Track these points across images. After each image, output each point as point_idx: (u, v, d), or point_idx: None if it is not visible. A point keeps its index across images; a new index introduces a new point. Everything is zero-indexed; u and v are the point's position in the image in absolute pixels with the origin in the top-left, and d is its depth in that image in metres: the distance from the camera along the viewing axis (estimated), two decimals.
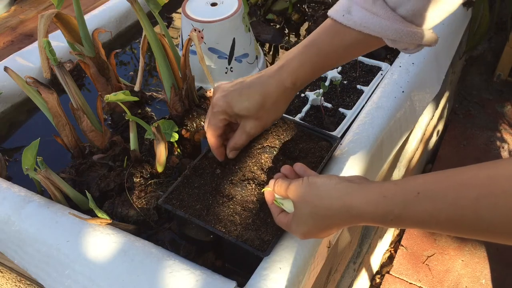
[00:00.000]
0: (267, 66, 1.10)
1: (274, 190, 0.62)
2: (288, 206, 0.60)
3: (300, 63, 0.65)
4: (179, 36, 1.06)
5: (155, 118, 0.94)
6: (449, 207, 0.43)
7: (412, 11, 0.58)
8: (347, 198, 0.52)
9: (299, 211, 0.57)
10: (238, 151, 0.72)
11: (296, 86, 0.66)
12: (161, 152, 0.74)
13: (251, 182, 0.69)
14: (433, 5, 0.58)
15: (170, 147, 0.83)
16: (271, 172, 0.71)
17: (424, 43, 0.61)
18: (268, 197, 0.63)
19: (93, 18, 1.15)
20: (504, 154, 1.85)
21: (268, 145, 0.75)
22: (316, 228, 0.56)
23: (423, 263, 1.51)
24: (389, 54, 1.05)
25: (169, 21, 1.30)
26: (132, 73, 1.10)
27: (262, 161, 0.72)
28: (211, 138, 0.70)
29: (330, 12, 0.63)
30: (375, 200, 0.49)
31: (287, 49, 1.17)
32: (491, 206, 0.41)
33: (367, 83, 0.95)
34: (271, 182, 0.63)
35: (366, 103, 0.89)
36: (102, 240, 0.65)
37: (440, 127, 1.82)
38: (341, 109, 0.90)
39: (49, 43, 0.71)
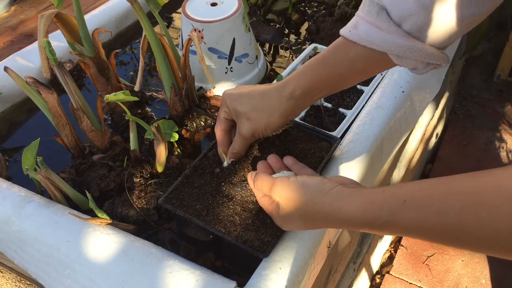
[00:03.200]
0: (267, 66, 1.10)
1: (254, 187, 0.61)
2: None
3: (300, 74, 0.65)
4: (179, 36, 1.06)
5: (155, 118, 0.94)
6: (434, 216, 0.43)
7: (417, 26, 0.56)
8: (337, 203, 0.52)
9: (288, 212, 0.56)
10: (236, 158, 0.71)
11: (293, 96, 0.64)
12: (161, 152, 0.74)
13: None
14: (440, 22, 0.55)
15: (170, 147, 0.83)
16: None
17: (432, 61, 0.58)
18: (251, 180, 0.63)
19: (93, 18, 1.15)
20: (504, 154, 1.85)
21: (268, 145, 0.75)
22: (302, 227, 0.57)
23: (423, 263, 1.51)
24: None
25: (169, 21, 1.30)
26: (132, 73, 1.10)
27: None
28: (217, 130, 0.71)
29: (341, 30, 0.62)
30: (363, 206, 0.49)
31: (287, 49, 1.17)
32: (475, 217, 0.40)
33: (367, 83, 0.95)
34: (251, 175, 0.62)
35: (366, 103, 0.89)
36: (102, 240, 0.65)
37: (440, 127, 1.82)
38: (341, 109, 0.90)
39: (49, 43, 0.71)
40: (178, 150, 0.85)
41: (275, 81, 0.67)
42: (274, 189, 0.57)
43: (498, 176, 0.41)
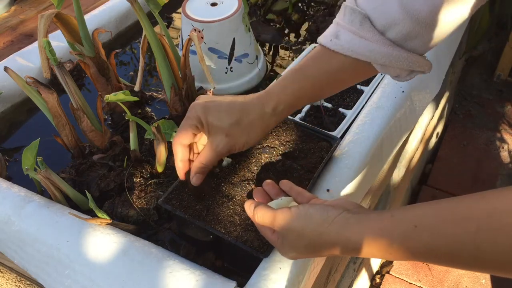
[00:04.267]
0: (267, 66, 1.10)
1: (254, 219, 0.58)
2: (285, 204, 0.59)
3: (282, 87, 0.62)
4: (179, 36, 1.06)
5: (155, 118, 0.94)
6: (448, 241, 0.42)
7: (401, 35, 0.55)
8: (345, 233, 0.50)
9: (292, 244, 0.54)
10: (203, 176, 0.64)
11: (276, 112, 0.61)
12: (161, 152, 0.74)
13: (250, 182, 0.69)
14: (425, 29, 0.54)
15: (170, 147, 0.82)
16: (271, 173, 0.71)
17: (416, 68, 0.57)
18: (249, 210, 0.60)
19: (93, 18, 1.15)
20: (504, 154, 1.85)
21: (268, 145, 0.75)
22: (308, 256, 0.55)
23: (423, 263, 1.51)
24: None
25: (169, 21, 1.30)
26: (132, 73, 1.10)
27: (262, 161, 0.72)
28: (176, 145, 0.64)
29: (319, 39, 0.60)
30: (372, 234, 0.48)
31: (287, 49, 1.17)
32: (491, 241, 0.39)
33: (367, 83, 0.95)
34: (249, 205, 0.59)
35: (366, 103, 0.89)
36: (102, 240, 0.65)
37: (440, 127, 1.82)
38: (341, 109, 0.90)
39: (49, 43, 0.71)
40: None
41: (275, 81, 0.66)
42: (276, 223, 0.55)
43: (510, 196, 0.40)
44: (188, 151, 0.65)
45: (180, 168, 0.65)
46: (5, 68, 0.76)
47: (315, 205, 0.54)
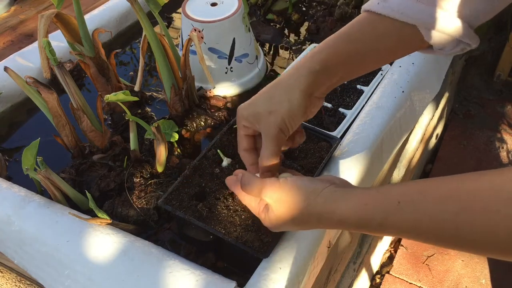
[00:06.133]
0: (267, 66, 1.10)
1: (241, 188, 0.56)
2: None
3: (323, 46, 0.58)
4: (179, 36, 1.06)
5: (155, 118, 0.94)
6: (430, 219, 0.42)
7: None
8: (331, 205, 0.50)
9: (279, 214, 0.54)
10: (272, 175, 0.59)
11: (313, 70, 0.56)
12: (161, 152, 0.74)
13: None
14: None
15: (170, 147, 0.83)
16: None
17: (463, 39, 0.54)
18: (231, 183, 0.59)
19: (93, 18, 1.15)
20: (504, 154, 1.85)
21: None
22: (294, 228, 0.55)
23: (423, 263, 1.51)
24: None
25: (169, 21, 1.30)
26: (132, 73, 1.10)
27: None
28: (240, 151, 0.62)
29: (364, 6, 0.58)
30: (357, 207, 0.48)
31: (287, 49, 1.17)
32: (470, 222, 0.40)
33: (367, 83, 0.95)
34: (233, 179, 0.58)
35: (366, 103, 0.89)
36: (102, 240, 0.65)
37: (440, 127, 1.82)
38: (341, 109, 0.90)
39: (49, 43, 0.71)
40: (178, 150, 0.85)
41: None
42: (264, 191, 0.54)
43: (495, 179, 0.40)
44: (255, 154, 0.62)
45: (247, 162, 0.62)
46: (5, 68, 0.76)
47: (303, 177, 0.55)
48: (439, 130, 1.81)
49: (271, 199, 0.54)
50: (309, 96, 0.57)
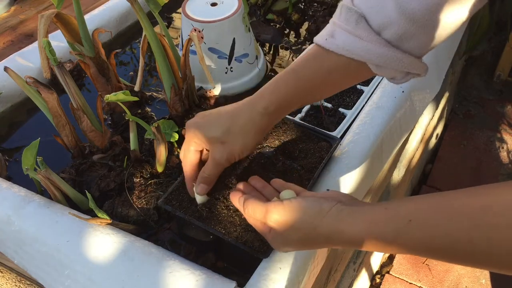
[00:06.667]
0: (267, 66, 1.10)
1: (245, 213, 0.58)
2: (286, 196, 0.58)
3: (274, 87, 0.61)
4: (179, 36, 1.06)
5: (155, 118, 0.94)
6: (442, 236, 0.42)
7: (397, 35, 0.53)
8: (338, 225, 0.49)
9: (286, 237, 0.54)
10: (208, 187, 0.65)
11: (268, 112, 0.60)
12: (161, 152, 0.74)
13: None
14: (421, 30, 0.53)
15: (170, 147, 0.83)
16: (271, 173, 0.71)
17: (411, 71, 0.56)
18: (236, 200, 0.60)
19: (93, 18, 1.15)
20: (504, 154, 1.85)
21: (268, 145, 0.75)
22: (302, 248, 0.55)
23: (423, 263, 1.51)
24: None
25: (169, 21, 1.30)
26: (132, 73, 1.10)
27: (262, 161, 0.72)
28: (185, 164, 0.65)
29: (315, 38, 0.59)
30: (366, 227, 0.47)
31: (287, 49, 1.17)
32: (485, 238, 0.39)
33: (367, 83, 0.95)
34: (237, 198, 0.59)
35: (366, 103, 0.89)
36: (102, 240, 0.65)
37: (440, 127, 1.82)
38: (341, 109, 0.90)
39: (49, 43, 0.71)
40: (178, 150, 0.85)
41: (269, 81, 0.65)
42: (268, 216, 0.54)
43: (505, 193, 0.40)
44: (198, 169, 0.66)
45: (189, 187, 0.67)
46: (5, 68, 0.76)
47: (308, 197, 0.54)
48: (439, 130, 1.81)
49: (276, 223, 0.54)
50: (262, 132, 0.62)
